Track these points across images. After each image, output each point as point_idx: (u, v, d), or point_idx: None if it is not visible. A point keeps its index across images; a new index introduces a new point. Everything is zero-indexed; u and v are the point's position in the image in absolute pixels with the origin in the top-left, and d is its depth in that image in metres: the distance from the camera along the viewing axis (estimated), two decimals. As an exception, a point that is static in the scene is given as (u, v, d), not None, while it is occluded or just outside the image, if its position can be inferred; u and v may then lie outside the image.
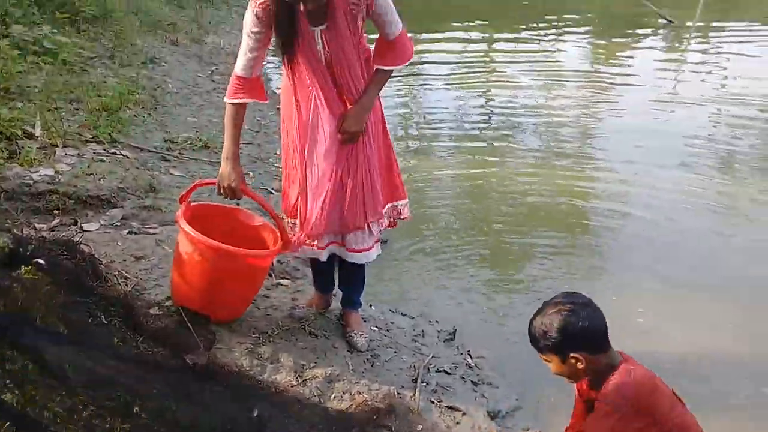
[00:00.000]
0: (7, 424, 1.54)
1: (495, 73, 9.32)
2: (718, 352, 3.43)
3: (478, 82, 8.79)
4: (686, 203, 5.06)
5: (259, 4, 2.39)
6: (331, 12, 2.38)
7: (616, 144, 6.36)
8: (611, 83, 8.56)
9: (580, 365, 2.06)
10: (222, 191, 2.74)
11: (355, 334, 3.00)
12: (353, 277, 2.98)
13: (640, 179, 5.45)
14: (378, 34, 2.59)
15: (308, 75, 2.51)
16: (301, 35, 2.43)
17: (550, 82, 8.66)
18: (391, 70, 2.64)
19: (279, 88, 7.58)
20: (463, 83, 8.57)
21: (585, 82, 8.74)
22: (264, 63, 2.66)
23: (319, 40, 2.45)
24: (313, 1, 2.28)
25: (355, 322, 3.06)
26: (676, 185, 5.35)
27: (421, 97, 8.17)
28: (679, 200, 5.11)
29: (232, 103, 2.61)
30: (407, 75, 8.83)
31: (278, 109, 6.67)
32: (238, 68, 2.56)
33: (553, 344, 2.07)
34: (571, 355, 2.06)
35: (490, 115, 7.48)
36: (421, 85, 8.59)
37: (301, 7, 2.32)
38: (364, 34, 2.59)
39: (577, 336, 2.04)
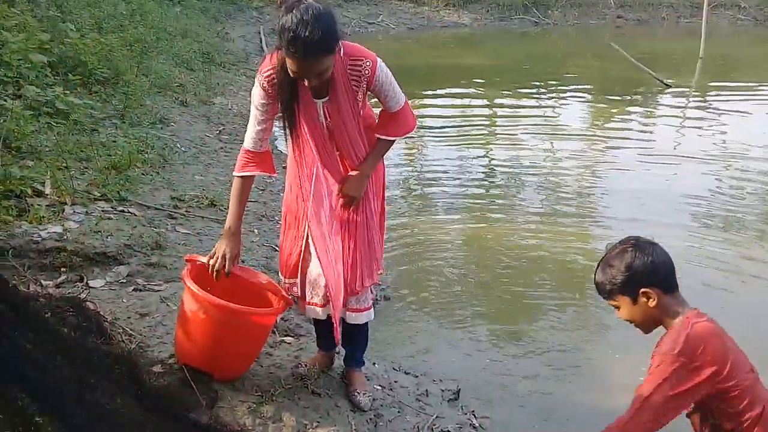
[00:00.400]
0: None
1: (496, 132, 9.47)
2: None
3: (479, 140, 8.93)
4: (689, 261, 5.06)
5: (266, 77, 2.49)
6: (332, 86, 2.48)
7: (618, 202, 6.41)
8: (612, 142, 8.68)
9: (651, 302, 2.02)
10: (211, 261, 2.72)
11: (359, 393, 2.98)
12: (356, 335, 2.99)
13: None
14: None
15: (311, 143, 2.61)
16: (304, 107, 2.54)
17: (551, 140, 8.81)
18: (393, 141, 2.73)
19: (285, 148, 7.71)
20: (464, 141, 8.70)
21: (586, 141, 8.86)
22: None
23: (322, 112, 2.55)
24: (314, 79, 2.36)
25: (359, 381, 3.04)
26: (678, 243, 5.35)
27: (423, 154, 8.29)
28: (681, 258, 5.10)
29: (241, 176, 2.69)
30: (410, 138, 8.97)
31: (284, 167, 6.82)
32: (247, 143, 2.66)
33: (622, 282, 2.05)
34: (642, 290, 2.02)
35: (492, 172, 7.57)
36: (423, 142, 8.73)
37: (305, 82, 2.40)
38: (367, 104, 2.69)
39: (646, 270, 2.02)
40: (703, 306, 4.29)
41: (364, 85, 2.52)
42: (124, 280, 3.69)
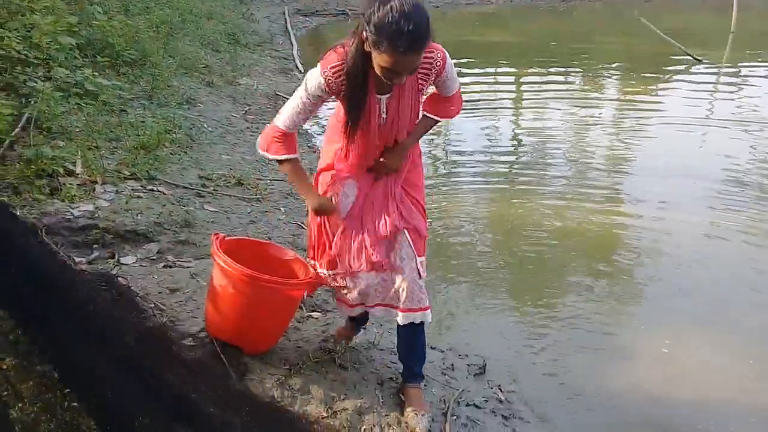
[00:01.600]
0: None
1: (523, 107, 9.41)
2: (740, 391, 3.37)
3: (506, 115, 8.89)
4: (720, 240, 5.00)
5: (333, 72, 2.37)
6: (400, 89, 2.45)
7: (647, 179, 6.31)
8: (641, 119, 8.54)
9: None
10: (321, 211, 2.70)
11: (417, 414, 2.73)
12: (413, 346, 2.85)
13: (672, 214, 5.40)
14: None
15: (363, 136, 2.55)
16: (368, 103, 2.46)
17: (578, 115, 8.70)
18: (437, 121, 2.72)
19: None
20: (491, 116, 8.65)
21: (614, 116, 8.74)
22: None
23: (384, 107, 2.49)
24: (407, 75, 2.28)
25: (416, 398, 2.82)
26: (709, 221, 5.30)
27: (449, 129, 8.26)
28: (712, 236, 5.06)
29: (281, 160, 2.66)
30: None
31: (309, 146, 6.84)
32: (282, 122, 2.55)
33: None
34: None
35: (519, 147, 7.53)
36: (451, 122, 8.69)
37: (396, 80, 2.30)
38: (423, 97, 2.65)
39: None
40: (730, 284, 4.30)
41: (432, 78, 2.46)
42: (155, 257, 3.76)
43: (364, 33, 2.19)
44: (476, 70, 11.33)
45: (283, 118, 2.56)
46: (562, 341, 3.73)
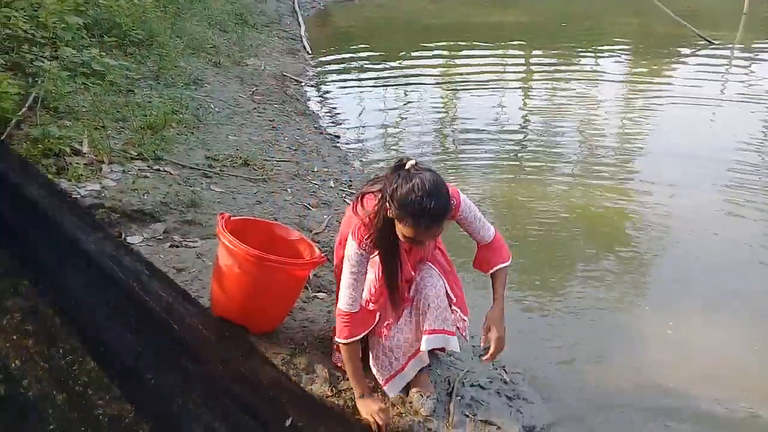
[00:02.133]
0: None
1: (533, 88, 9.36)
2: (745, 374, 3.37)
3: (515, 96, 8.87)
4: (731, 221, 4.97)
5: (368, 241, 2.47)
6: None
7: (658, 161, 6.27)
8: (652, 101, 8.47)
9: None
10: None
11: (422, 395, 2.77)
12: None
13: (682, 197, 5.37)
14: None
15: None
16: (400, 260, 2.60)
17: (589, 95, 8.64)
18: (508, 265, 2.76)
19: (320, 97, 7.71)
20: (500, 97, 8.62)
21: (625, 99, 8.68)
22: None
23: (407, 253, 2.64)
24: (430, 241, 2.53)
25: (422, 380, 2.83)
26: (720, 202, 5.26)
27: (457, 110, 8.24)
28: (723, 217, 5.03)
29: (347, 344, 2.59)
30: (447, 88, 8.94)
31: (316, 127, 6.83)
32: (343, 304, 2.57)
33: None
34: None
35: (528, 128, 7.50)
36: (458, 98, 8.67)
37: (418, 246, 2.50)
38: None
39: None
40: (738, 268, 4.27)
41: (446, 221, 2.49)
42: (161, 237, 3.77)
43: (388, 205, 2.32)
44: (486, 52, 11.24)
45: (341, 300, 2.59)
46: (568, 323, 3.72)
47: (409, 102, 8.61)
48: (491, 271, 2.75)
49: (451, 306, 2.72)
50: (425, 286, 2.65)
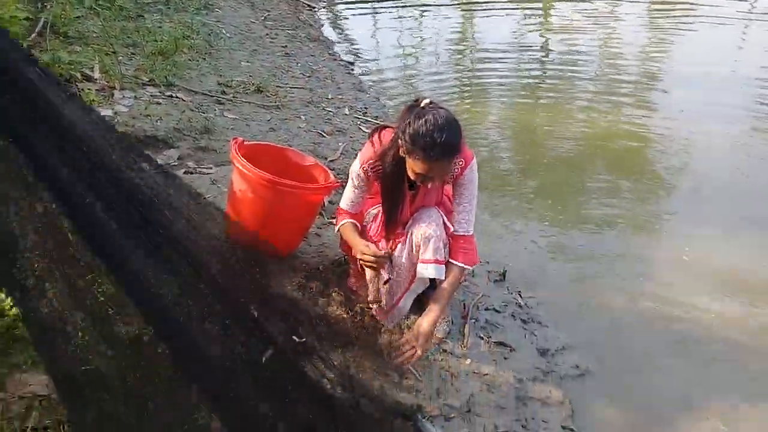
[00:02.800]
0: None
1: (554, 16, 9.06)
2: (758, 298, 3.34)
3: (536, 18, 8.64)
4: (750, 150, 4.87)
5: (371, 167, 2.56)
6: None
7: (679, 90, 6.14)
8: (674, 30, 8.20)
9: None
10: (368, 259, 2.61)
11: None
12: None
13: (704, 123, 5.25)
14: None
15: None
16: (402, 200, 2.64)
17: (609, 26, 8.38)
18: (465, 269, 2.64)
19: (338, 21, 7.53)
20: (521, 19, 8.39)
21: (649, 18, 8.40)
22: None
23: (411, 198, 2.66)
24: (437, 180, 2.45)
25: None
26: (740, 134, 5.14)
27: (476, 33, 8.04)
28: (742, 147, 4.92)
29: (345, 224, 2.71)
30: (464, 9, 8.70)
31: (330, 54, 6.71)
32: (343, 203, 2.73)
33: None
34: None
35: (547, 54, 7.32)
36: (477, 20, 8.45)
37: (426, 184, 2.47)
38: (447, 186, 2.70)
39: None
40: (756, 200, 4.18)
41: (451, 179, 2.57)
42: (175, 163, 3.75)
43: (400, 141, 2.37)
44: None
45: (343, 199, 2.74)
46: (583, 249, 3.70)
47: (425, 26, 8.40)
48: (452, 262, 2.62)
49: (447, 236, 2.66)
50: (421, 219, 2.62)
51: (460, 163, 2.51)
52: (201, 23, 6.09)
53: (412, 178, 2.43)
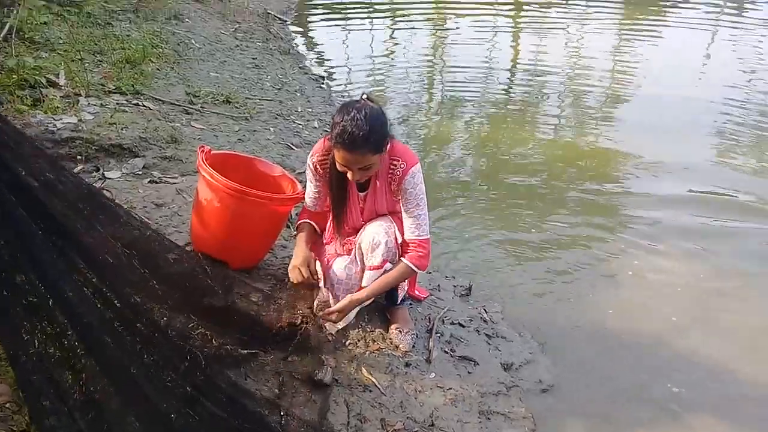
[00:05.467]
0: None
1: (522, 39, 9.20)
2: (695, 305, 3.47)
3: (506, 37, 8.80)
4: (707, 169, 4.99)
5: (318, 161, 2.64)
6: (373, 183, 2.62)
7: (642, 110, 6.26)
8: (642, 51, 8.39)
9: None
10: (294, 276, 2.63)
11: (401, 331, 2.79)
12: None
13: (665, 143, 5.36)
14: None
15: (346, 219, 2.73)
16: (350, 196, 2.68)
17: (577, 47, 8.54)
18: (411, 270, 2.64)
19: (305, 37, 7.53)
20: (490, 45, 8.49)
21: (613, 49, 8.58)
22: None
23: (362, 200, 2.69)
24: (358, 173, 2.44)
25: (401, 316, 2.87)
26: (701, 154, 5.25)
27: (446, 51, 8.12)
28: (707, 169, 5.03)
29: (303, 222, 2.79)
30: (436, 32, 8.79)
31: (300, 67, 6.70)
32: (306, 201, 2.80)
33: None
34: None
35: (516, 71, 7.42)
36: (448, 38, 8.54)
37: (349, 175, 2.48)
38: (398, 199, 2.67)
39: None
40: (705, 223, 4.28)
41: (396, 184, 2.58)
42: (140, 172, 3.71)
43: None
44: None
45: (305, 197, 2.81)
46: (547, 265, 3.74)
47: (395, 42, 8.46)
48: (402, 260, 2.63)
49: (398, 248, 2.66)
50: (372, 226, 2.64)
51: (402, 166, 2.53)
52: (170, 33, 6.05)
53: (339, 169, 2.47)
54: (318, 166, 2.65)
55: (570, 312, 3.34)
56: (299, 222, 2.80)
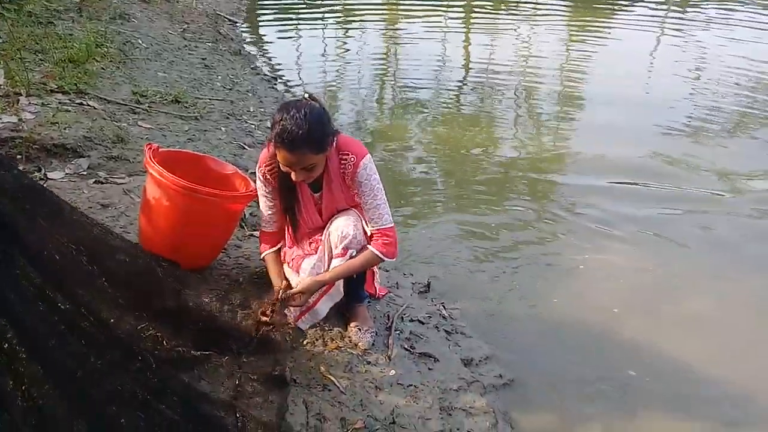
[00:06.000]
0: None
1: (474, 39, 9.27)
2: (641, 294, 3.53)
3: (456, 43, 8.81)
4: (658, 169, 5.07)
5: (267, 168, 2.57)
6: (327, 181, 2.56)
7: (595, 111, 6.34)
8: (590, 51, 8.54)
9: None
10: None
11: (360, 329, 2.74)
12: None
13: (615, 142, 5.44)
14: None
15: (302, 221, 2.69)
16: (303, 200, 2.64)
17: (528, 49, 8.64)
18: (376, 257, 2.58)
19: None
20: (442, 47, 8.53)
21: (564, 50, 8.71)
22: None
23: (319, 203, 2.65)
24: (301, 174, 2.39)
25: (360, 314, 2.81)
26: (655, 153, 5.34)
27: (399, 54, 8.12)
28: (656, 169, 5.11)
29: (267, 255, 2.75)
30: (387, 32, 8.78)
31: (252, 68, 6.61)
32: (263, 224, 2.75)
33: None
34: None
35: (468, 73, 7.45)
36: (401, 44, 8.54)
37: (293, 176, 2.43)
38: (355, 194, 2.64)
39: None
40: (653, 215, 4.36)
41: (349, 178, 2.54)
42: (85, 173, 3.57)
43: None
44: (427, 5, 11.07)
45: (262, 220, 2.75)
46: (505, 263, 3.74)
47: (348, 44, 8.42)
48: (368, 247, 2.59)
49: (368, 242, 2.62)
50: (338, 220, 2.59)
51: (352, 159, 2.50)
52: (116, 32, 5.88)
53: (282, 169, 2.44)
54: (267, 175, 2.59)
55: (529, 308, 3.34)
56: (264, 253, 2.75)
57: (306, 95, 2.43)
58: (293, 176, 2.41)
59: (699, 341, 3.16)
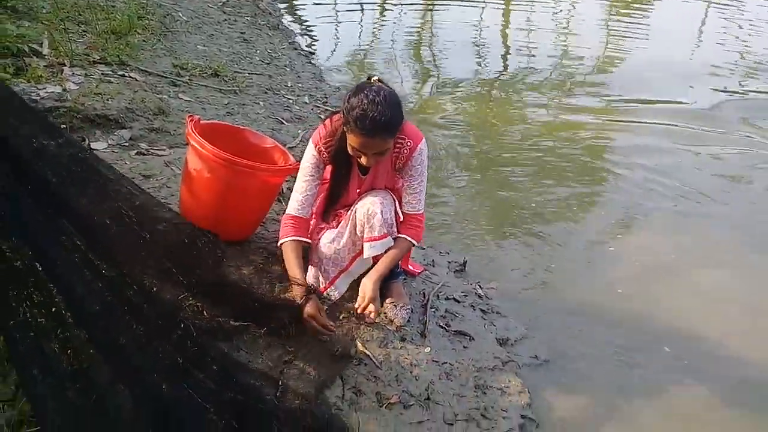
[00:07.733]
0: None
1: (514, 11, 9.14)
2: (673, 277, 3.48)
3: (496, 15, 8.68)
4: (695, 158, 4.96)
5: (324, 144, 2.51)
6: (376, 165, 2.52)
7: (636, 88, 6.22)
8: (632, 30, 8.35)
9: None
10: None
11: (395, 305, 2.73)
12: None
13: (659, 120, 5.34)
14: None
15: (341, 199, 2.69)
16: (351, 181, 2.63)
17: (569, 26, 8.48)
18: (412, 244, 2.65)
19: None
20: (480, 15, 8.43)
21: (605, 27, 8.53)
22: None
23: (362, 182, 2.64)
24: (372, 158, 2.37)
25: (396, 291, 2.82)
26: (689, 136, 5.22)
27: (435, 27, 8.04)
28: (691, 150, 5.01)
29: (290, 241, 2.55)
30: (425, 12, 8.70)
31: (290, 43, 6.60)
32: (292, 209, 2.59)
33: None
34: None
35: (507, 52, 7.36)
36: (439, 12, 8.46)
37: (362, 160, 2.40)
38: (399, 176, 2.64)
39: None
40: (686, 198, 4.28)
41: (402, 162, 2.54)
42: (127, 144, 3.62)
43: (342, 116, 2.35)
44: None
45: (291, 204, 2.61)
46: (542, 242, 3.70)
47: (385, 19, 8.35)
48: (395, 236, 2.59)
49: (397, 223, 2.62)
50: (367, 197, 2.58)
51: (408, 144, 2.50)
52: (157, 5, 5.92)
53: (351, 153, 2.41)
54: (323, 151, 2.53)
55: (565, 289, 3.30)
56: (283, 241, 2.57)
57: (375, 78, 2.40)
58: (363, 160, 2.39)
59: (737, 321, 3.13)
